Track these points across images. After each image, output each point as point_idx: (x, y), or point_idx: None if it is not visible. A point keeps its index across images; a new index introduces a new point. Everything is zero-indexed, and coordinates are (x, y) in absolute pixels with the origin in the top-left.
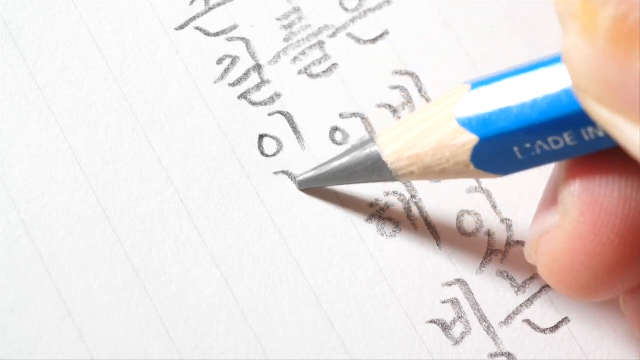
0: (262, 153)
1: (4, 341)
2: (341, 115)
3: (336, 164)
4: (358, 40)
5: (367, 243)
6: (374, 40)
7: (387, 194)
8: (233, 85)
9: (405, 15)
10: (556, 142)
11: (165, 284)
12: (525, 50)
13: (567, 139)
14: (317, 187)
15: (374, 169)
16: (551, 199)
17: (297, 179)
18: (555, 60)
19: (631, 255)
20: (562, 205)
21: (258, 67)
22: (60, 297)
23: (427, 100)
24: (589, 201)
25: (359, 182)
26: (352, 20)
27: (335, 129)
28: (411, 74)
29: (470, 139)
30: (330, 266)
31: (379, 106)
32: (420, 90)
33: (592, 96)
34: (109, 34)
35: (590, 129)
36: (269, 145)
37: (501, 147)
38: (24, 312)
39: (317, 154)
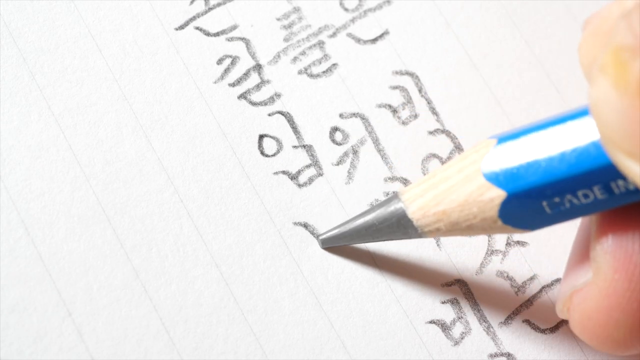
0: (262, 153)
1: (4, 341)
2: (341, 115)
3: (360, 221)
4: (358, 40)
5: (367, 243)
6: (374, 40)
7: (387, 194)
8: (233, 85)
9: (405, 15)
10: (586, 196)
11: (165, 284)
12: (525, 50)
13: (597, 192)
14: (341, 245)
15: (399, 225)
16: (582, 254)
17: (320, 238)
18: (581, 112)
19: None
20: (595, 262)
21: (258, 67)
22: (60, 297)
23: (427, 100)
24: (622, 258)
25: (383, 240)
26: (352, 20)
27: (335, 129)
28: (411, 74)
29: (498, 195)
30: (330, 266)
31: (379, 106)
32: (420, 90)
33: (622, 150)
34: (109, 34)
35: (620, 182)
36: (269, 145)
37: (530, 202)
38: (24, 312)
39: (317, 154)
